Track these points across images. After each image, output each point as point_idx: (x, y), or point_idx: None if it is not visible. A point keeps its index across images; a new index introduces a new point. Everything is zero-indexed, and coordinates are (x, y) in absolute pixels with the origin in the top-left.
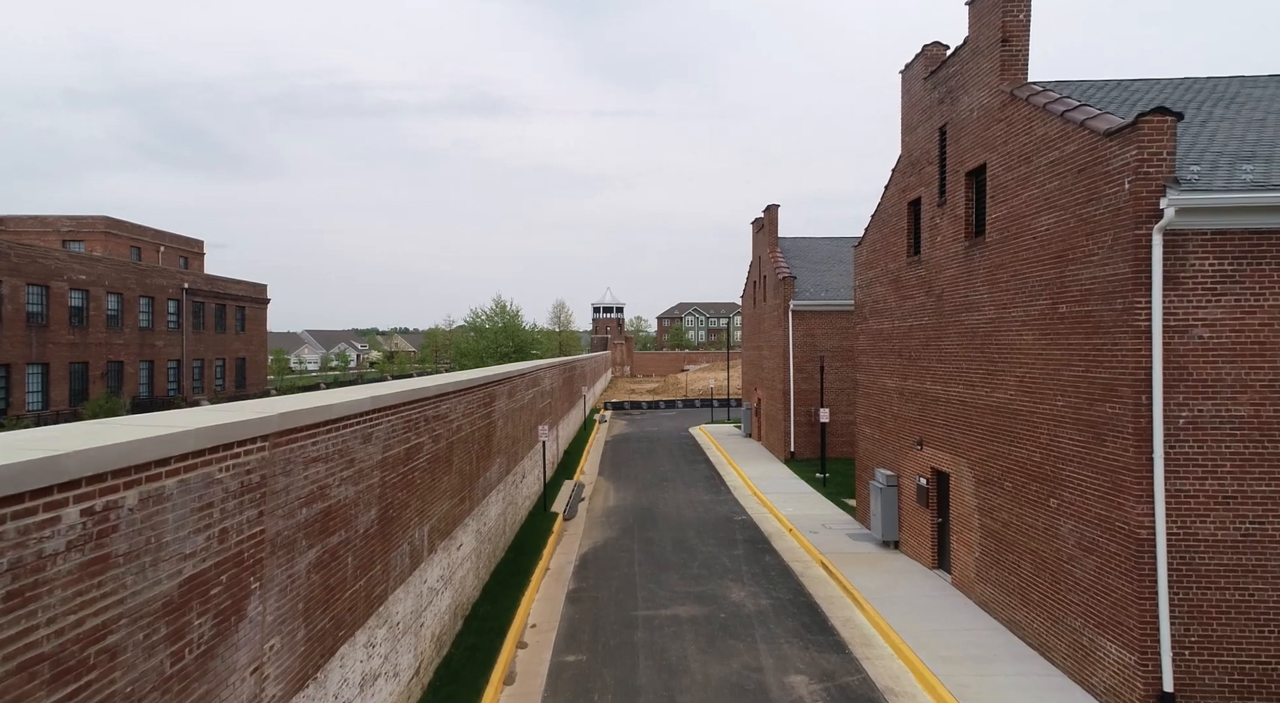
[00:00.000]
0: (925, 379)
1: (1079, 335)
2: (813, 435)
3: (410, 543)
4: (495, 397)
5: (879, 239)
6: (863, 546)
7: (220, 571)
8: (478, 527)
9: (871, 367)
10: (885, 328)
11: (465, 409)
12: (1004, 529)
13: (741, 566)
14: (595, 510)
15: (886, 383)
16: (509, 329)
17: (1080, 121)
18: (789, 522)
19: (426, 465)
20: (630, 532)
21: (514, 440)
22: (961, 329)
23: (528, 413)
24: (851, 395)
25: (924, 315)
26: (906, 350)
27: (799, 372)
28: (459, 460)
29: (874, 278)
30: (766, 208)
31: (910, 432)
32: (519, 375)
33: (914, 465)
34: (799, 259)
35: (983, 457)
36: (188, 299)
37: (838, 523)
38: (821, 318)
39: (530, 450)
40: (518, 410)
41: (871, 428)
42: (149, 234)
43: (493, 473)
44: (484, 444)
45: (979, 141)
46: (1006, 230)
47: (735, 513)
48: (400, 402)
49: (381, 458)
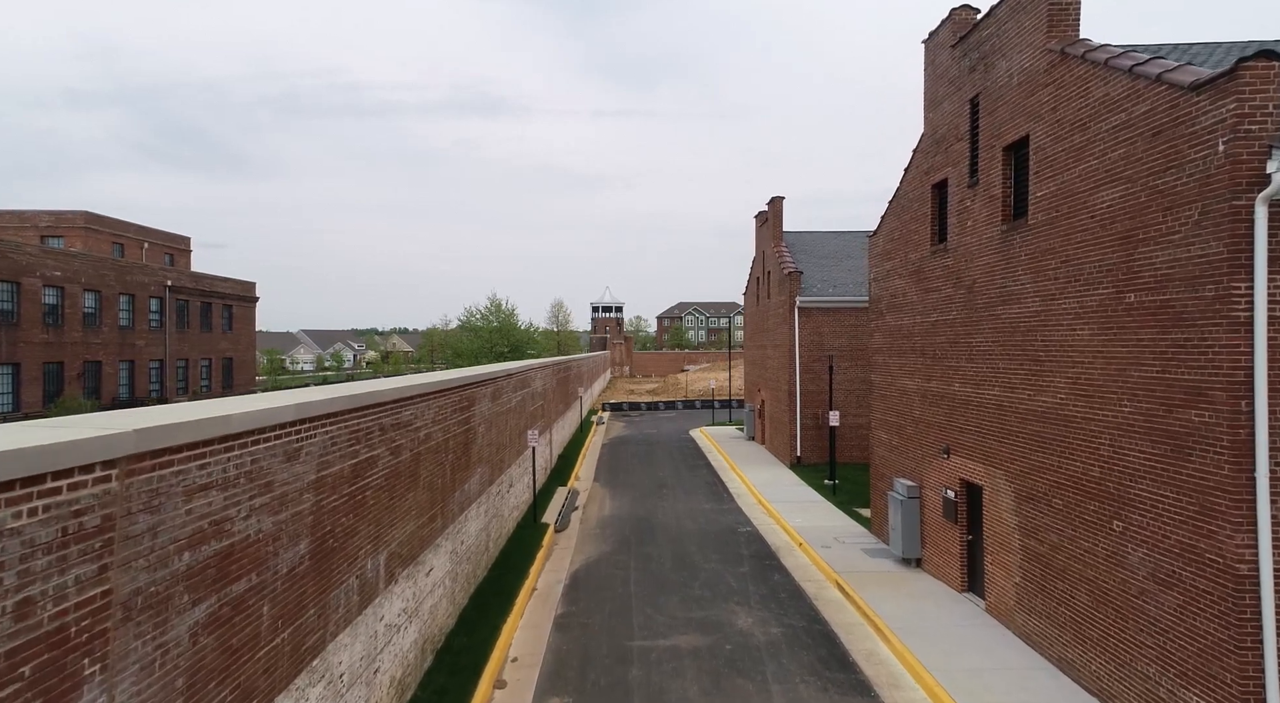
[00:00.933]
0: (953, 380)
1: (1152, 329)
2: (820, 439)
3: (360, 576)
4: (475, 400)
5: (897, 227)
6: (881, 563)
7: (15, 664)
8: (453, 547)
9: (889, 367)
10: (905, 324)
11: (436, 415)
12: (1053, 553)
13: (748, 586)
14: (589, 521)
15: (906, 384)
16: (504, 328)
17: (1155, 76)
18: (798, 534)
19: (384, 482)
20: (626, 545)
21: (499, 447)
22: (998, 324)
23: (516, 417)
24: (861, 397)
25: (951, 310)
26: (930, 349)
27: (805, 372)
28: (428, 473)
29: (891, 270)
30: (770, 200)
31: (934, 438)
32: (504, 376)
33: (939, 476)
34: (804, 254)
35: (1025, 469)
36: (171, 297)
37: (851, 536)
38: (829, 315)
39: (519, 457)
40: (503, 414)
41: (888, 433)
42: (132, 230)
43: (472, 485)
44: (461, 453)
45: (1020, 111)
46: (1055, 210)
47: (740, 524)
48: (345, 409)
49: (317, 478)
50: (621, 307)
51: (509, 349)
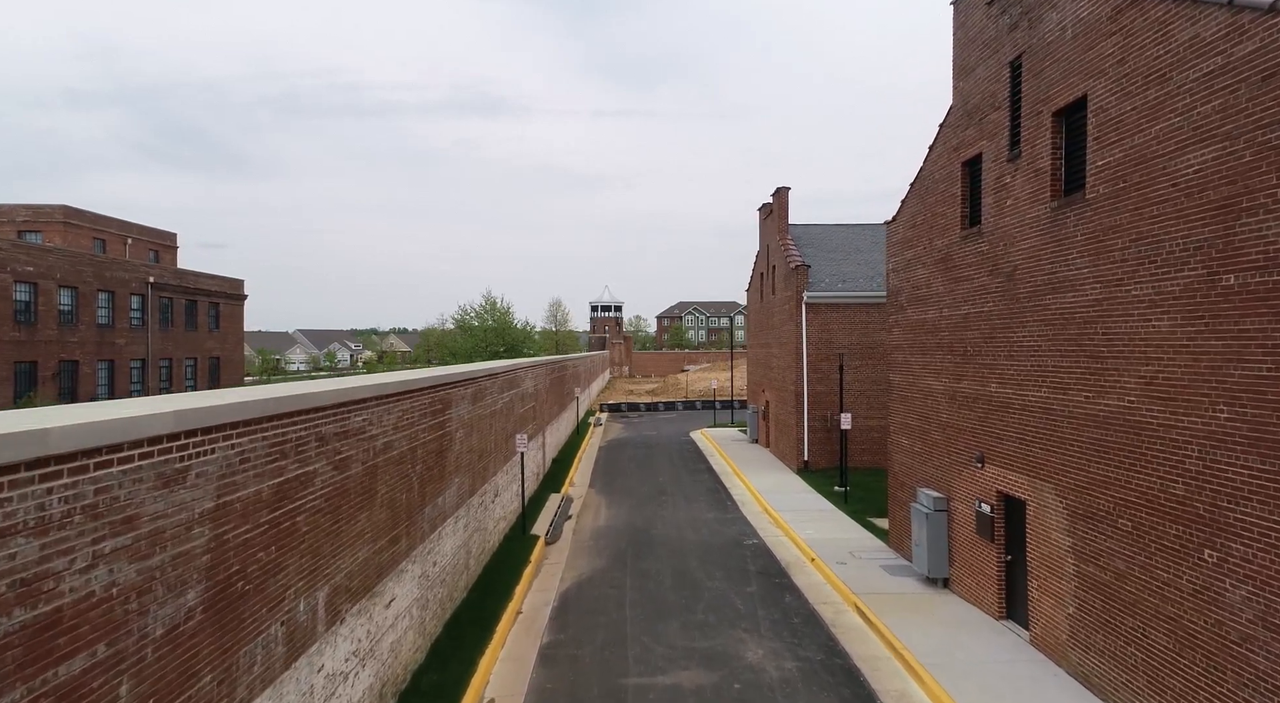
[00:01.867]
0: (989, 380)
1: (1262, 317)
2: (829, 443)
3: (288, 621)
4: (452, 402)
5: (920, 211)
6: (904, 582)
7: None
8: (423, 570)
9: (910, 365)
10: (929, 318)
11: (400, 420)
12: (1118, 583)
13: (757, 609)
14: (583, 531)
15: (931, 385)
16: (500, 327)
17: (1269, 5)
18: (809, 548)
19: (324, 503)
20: (622, 560)
21: (482, 454)
22: (1046, 316)
23: (503, 420)
24: (873, 399)
25: (986, 301)
26: (960, 345)
27: (813, 372)
28: (389, 489)
29: (913, 259)
30: (775, 191)
31: (965, 445)
32: (486, 376)
33: (972, 487)
34: (811, 248)
35: (1082, 483)
36: (154, 294)
37: (868, 550)
38: (838, 311)
39: (506, 464)
40: (487, 418)
41: (910, 439)
42: (114, 225)
43: (448, 497)
44: (434, 463)
45: (1075, 68)
46: (1122, 180)
47: (745, 536)
48: (262, 416)
49: (217, 505)
50: (621, 306)
51: (505, 349)
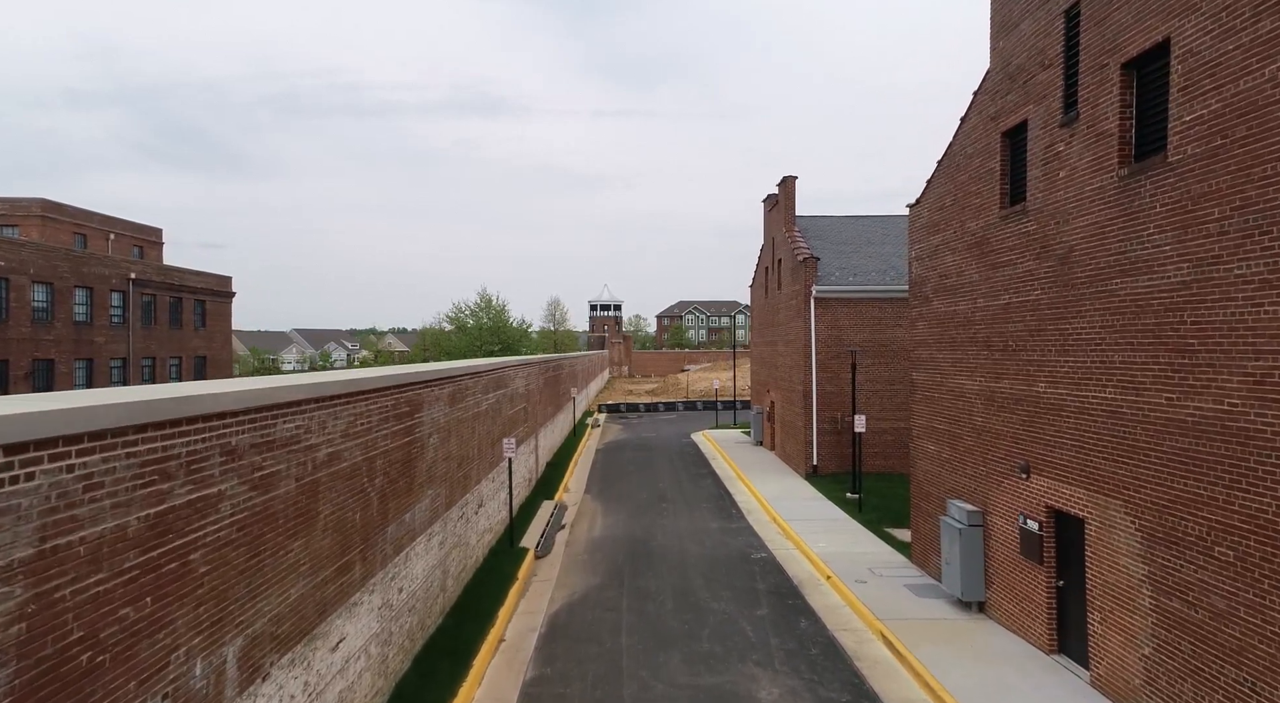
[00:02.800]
0: (1036, 379)
1: None
2: (840, 446)
3: (174, 693)
4: (423, 404)
5: (950, 191)
6: (932, 606)
7: None
8: (385, 599)
9: (937, 363)
10: (961, 310)
11: (351, 426)
12: (1215, 624)
13: (769, 636)
14: (577, 543)
15: (963, 384)
16: (495, 326)
17: None
18: (824, 563)
19: (235, 535)
20: (618, 576)
21: (462, 461)
22: (1113, 303)
23: (488, 423)
24: (887, 399)
25: (1033, 288)
26: (999, 339)
27: (823, 371)
28: (336, 509)
29: (941, 245)
30: (782, 180)
31: (1006, 452)
32: (469, 375)
33: (1014, 500)
34: (820, 240)
35: (1162, 500)
36: (135, 291)
37: (888, 566)
38: (849, 306)
39: (492, 470)
40: (469, 421)
41: (937, 444)
42: (96, 220)
43: (419, 512)
44: (399, 475)
45: (1155, 8)
46: (1223, 135)
47: (752, 548)
48: (121, 424)
49: (39, 552)
50: (620, 305)
51: (500, 347)
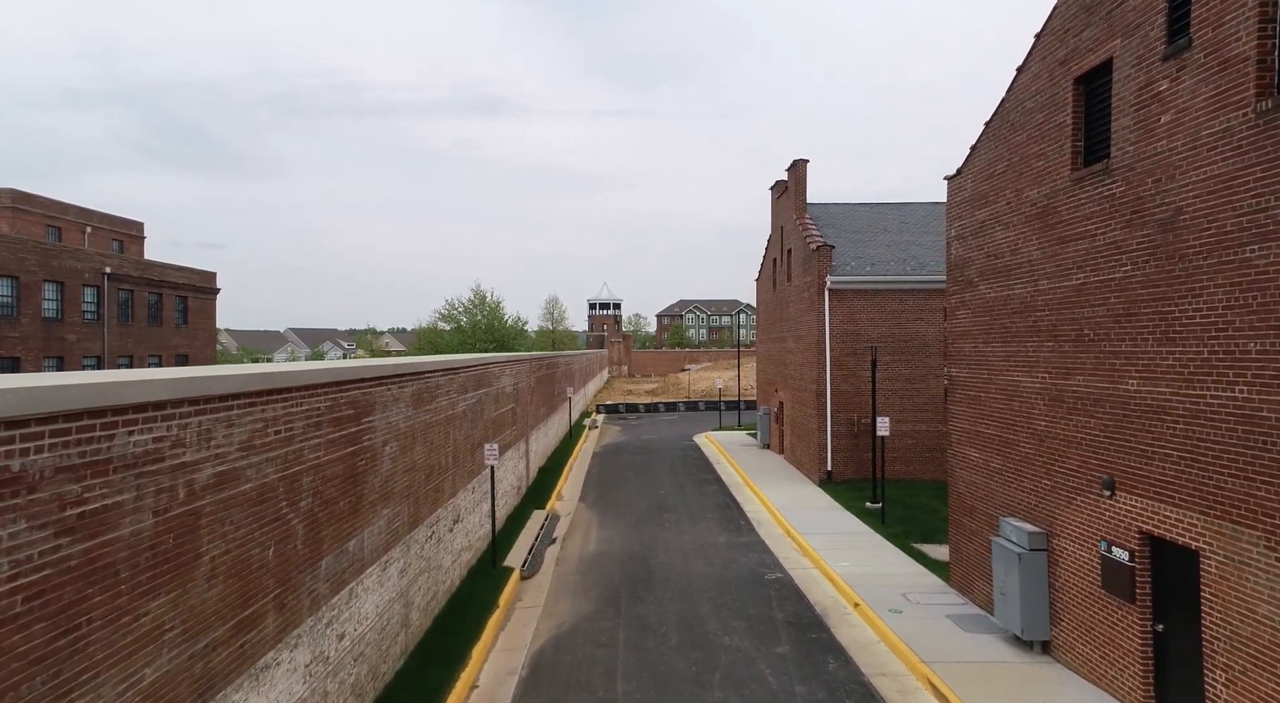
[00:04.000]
0: (1124, 375)
1: None
2: (856, 451)
3: None
4: (375, 406)
5: (1002, 156)
6: (985, 643)
7: None
8: (315, 652)
9: (983, 357)
10: (1016, 294)
11: (258, 435)
12: None
13: (793, 683)
14: (569, 560)
15: (1019, 382)
16: (489, 323)
17: None
18: (849, 587)
19: (21, 606)
20: (614, 602)
21: (433, 472)
22: (1247, 278)
23: (467, 426)
24: (906, 399)
25: (1121, 262)
26: (1071, 326)
27: (838, 368)
28: (230, 547)
29: (990, 219)
30: (792, 164)
31: (1080, 464)
32: (439, 372)
33: (1092, 522)
34: (832, 228)
35: None
36: (111, 286)
37: (924, 592)
38: (866, 298)
39: (472, 480)
40: (441, 424)
41: (983, 451)
42: (71, 212)
43: (369, 539)
44: (340, 494)
45: None
46: None
47: (766, 567)
48: None
49: None
50: (620, 304)
51: (494, 346)
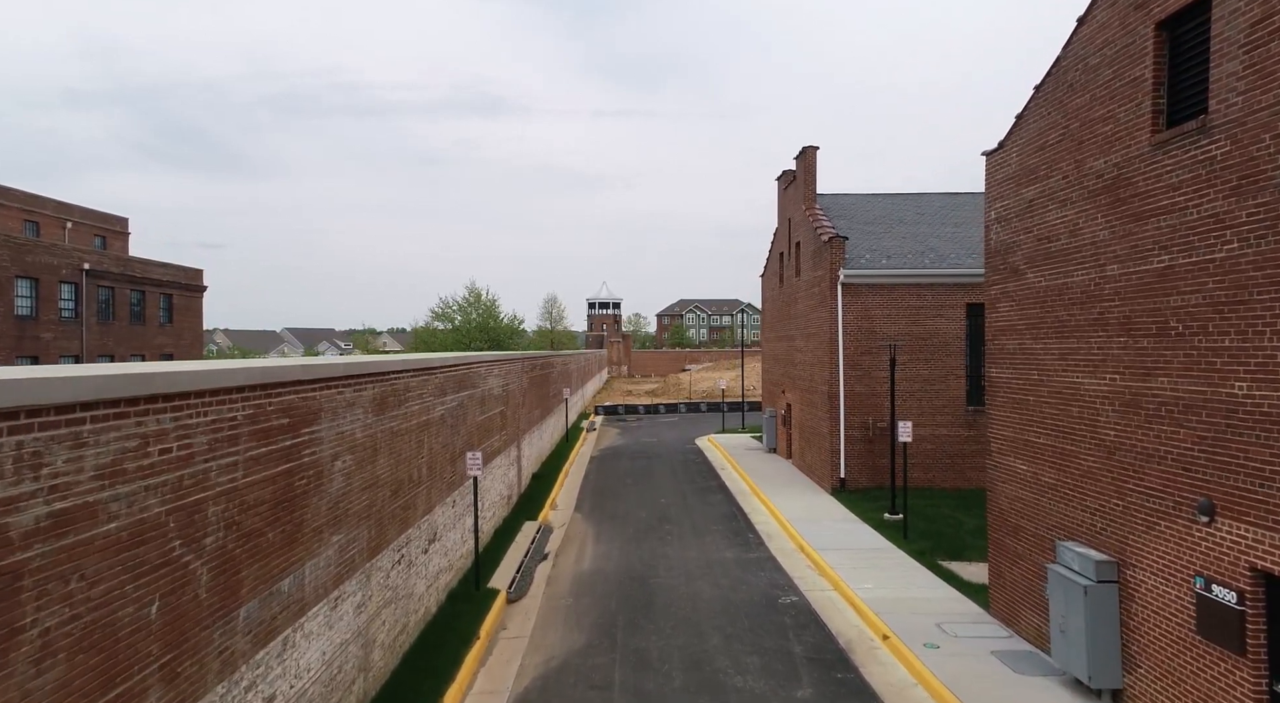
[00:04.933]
0: (1228, 375)
1: None
2: (872, 457)
3: None
4: (319, 414)
5: (1058, 123)
6: (1043, 689)
7: None
8: None
9: (1032, 355)
10: (1077, 282)
11: (129, 458)
12: None
13: None
14: (561, 580)
15: (1080, 384)
16: (484, 322)
17: None
18: (874, 614)
19: None
20: (610, 632)
21: (400, 488)
22: None
23: (445, 433)
24: (924, 401)
25: (1221, 240)
26: (1152, 318)
27: (851, 368)
28: (86, 611)
29: (1042, 197)
30: (801, 152)
31: (1162, 481)
32: (410, 372)
33: (1183, 553)
34: (844, 220)
35: None
36: (89, 283)
37: (961, 620)
38: (882, 294)
39: (452, 493)
40: (411, 433)
41: (1032, 463)
42: (50, 206)
43: (312, 574)
44: (266, 524)
45: None
46: None
47: (779, 589)
48: None
49: None
50: (619, 303)
51: (489, 345)
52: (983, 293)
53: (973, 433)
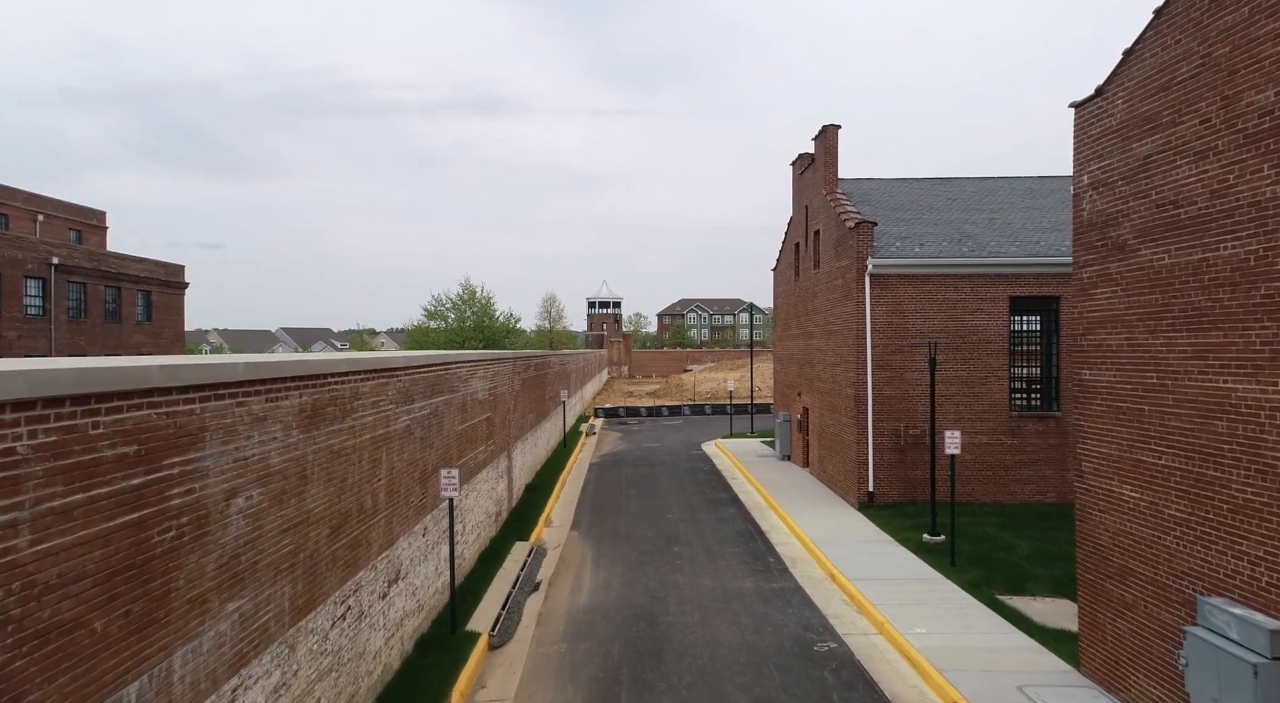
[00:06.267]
0: None
1: None
2: (904, 468)
3: None
4: (201, 437)
5: (1192, 52)
6: None
7: None
8: None
9: (1149, 353)
10: (1221, 258)
11: None
12: None
13: None
14: (554, 617)
15: (1231, 390)
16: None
17: None
18: (935, 669)
19: None
20: (613, 695)
21: (342, 522)
22: None
23: (413, 448)
24: (964, 406)
25: None
26: None
27: (881, 369)
28: None
29: (1161, 151)
30: (821, 131)
31: None
32: (354, 376)
33: None
34: (868, 206)
35: None
36: (58, 278)
37: (1044, 677)
38: (915, 285)
39: (422, 520)
40: (362, 451)
41: (1146, 489)
42: (20, 198)
43: (192, 663)
44: (95, 610)
45: None
46: None
47: (813, 631)
48: None
49: None
50: (620, 302)
51: (483, 344)
52: (1037, 282)
53: (1016, 442)
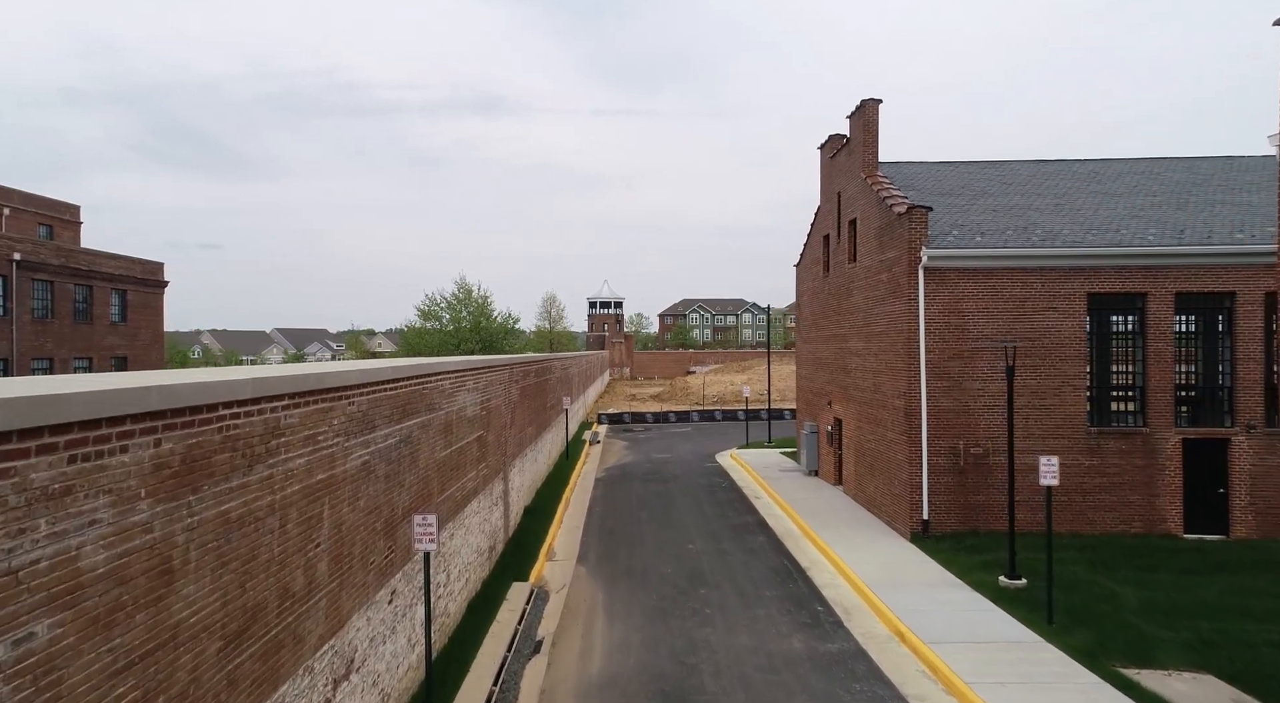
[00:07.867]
0: None
1: None
2: (964, 492)
3: None
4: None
5: None
6: None
7: None
8: None
9: None
10: None
11: None
12: None
13: None
14: (559, 694)
15: None
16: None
17: None
18: None
19: None
20: None
21: (253, 620)
22: None
23: (367, 492)
24: (1035, 421)
25: None
26: None
27: (937, 377)
28: None
29: None
30: (859, 106)
31: None
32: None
33: None
34: (912, 191)
35: None
36: (23, 276)
37: None
38: (976, 280)
39: (388, 582)
40: (291, 507)
41: None
42: None
43: None
44: None
45: None
46: None
47: None
48: None
49: None
50: (621, 302)
51: (481, 346)
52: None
53: (1096, 462)
